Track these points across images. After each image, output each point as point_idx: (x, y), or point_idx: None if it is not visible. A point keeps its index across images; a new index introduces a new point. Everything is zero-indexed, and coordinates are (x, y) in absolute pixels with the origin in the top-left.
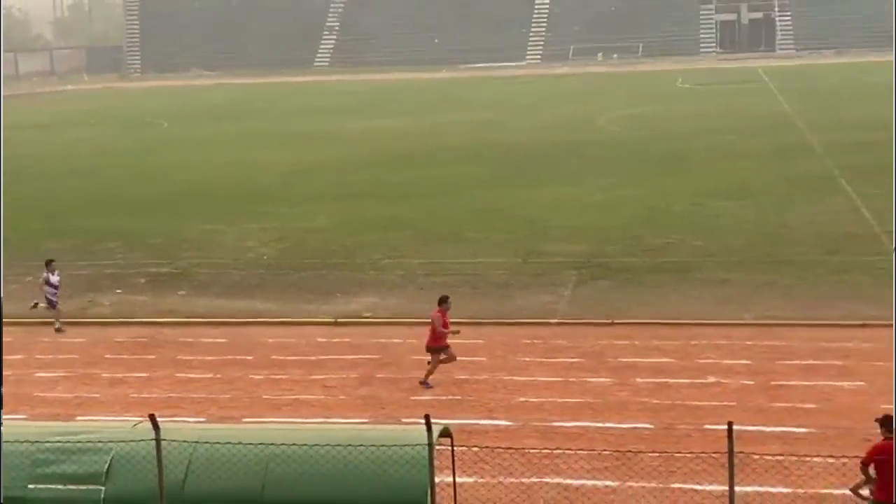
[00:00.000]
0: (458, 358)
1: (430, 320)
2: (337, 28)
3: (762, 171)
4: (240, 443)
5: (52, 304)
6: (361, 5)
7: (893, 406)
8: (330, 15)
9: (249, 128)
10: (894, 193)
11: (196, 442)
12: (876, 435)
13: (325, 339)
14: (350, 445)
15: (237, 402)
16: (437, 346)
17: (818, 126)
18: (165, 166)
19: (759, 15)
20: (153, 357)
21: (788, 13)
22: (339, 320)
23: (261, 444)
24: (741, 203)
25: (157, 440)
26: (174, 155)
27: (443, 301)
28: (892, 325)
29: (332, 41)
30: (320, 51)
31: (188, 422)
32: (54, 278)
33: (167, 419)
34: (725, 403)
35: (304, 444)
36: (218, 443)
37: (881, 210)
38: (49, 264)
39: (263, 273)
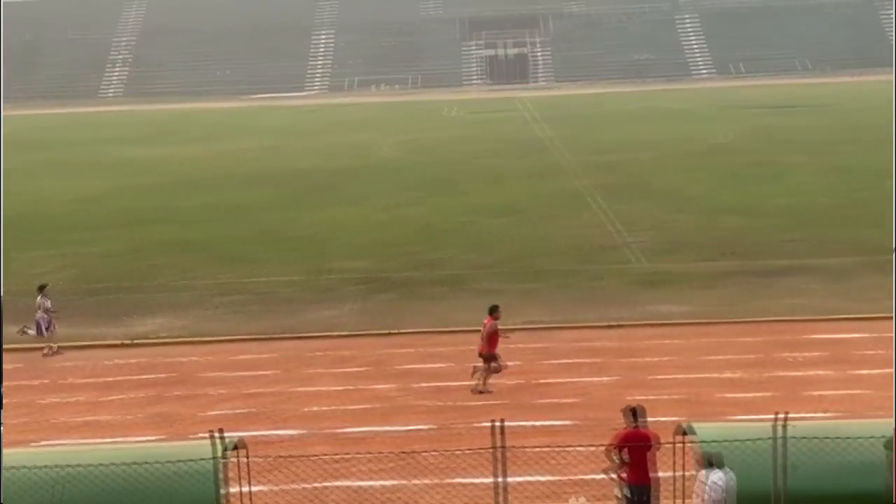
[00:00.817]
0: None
1: (482, 329)
2: (130, 60)
3: (525, 190)
4: (32, 466)
5: (42, 330)
6: (151, 38)
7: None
8: (121, 47)
9: (37, 158)
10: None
11: None
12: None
13: (117, 361)
14: (140, 463)
15: (30, 427)
16: (491, 354)
17: (572, 149)
18: None
19: (518, 50)
20: None
21: (546, 49)
22: (130, 342)
23: (52, 466)
24: (507, 219)
25: None
26: None
27: (493, 310)
28: (637, 325)
29: (122, 72)
30: (110, 82)
31: None
32: (47, 303)
33: None
34: (497, 402)
35: (96, 465)
36: (11, 467)
37: (627, 223)
38: (42, 289)
39: (54, 299)
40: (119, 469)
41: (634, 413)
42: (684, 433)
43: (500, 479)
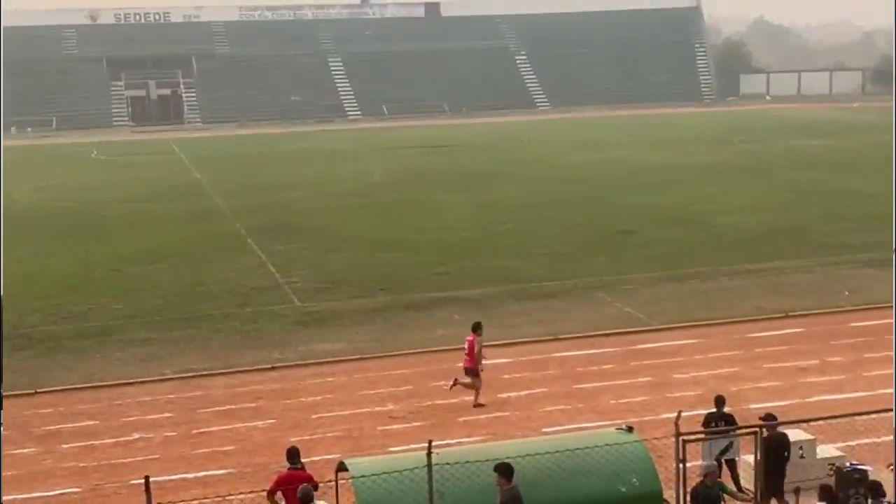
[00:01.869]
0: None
1: (466, 346)
2: None
3: (177, 234)
4: None
5: None
6: None
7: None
8: None
9: None
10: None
11: None
12: (286, 466)
13: None
14: None
15: None
16: (475, 368)
17: (226, 191)
18: None
19: (167, 91)
20: None
21: (194, 90)
22: None
23: None
24: (159, 266)
25: None
26: None
27: (476, 328)
28: (294, 365)
29: None
30: None
31: None
32: None
33: None
34: (150, 457)
35: None
36: None
37: (283, 264)
38: None
39: None
40: None
41: (289, 456)
42: (345, 469)
43: None
